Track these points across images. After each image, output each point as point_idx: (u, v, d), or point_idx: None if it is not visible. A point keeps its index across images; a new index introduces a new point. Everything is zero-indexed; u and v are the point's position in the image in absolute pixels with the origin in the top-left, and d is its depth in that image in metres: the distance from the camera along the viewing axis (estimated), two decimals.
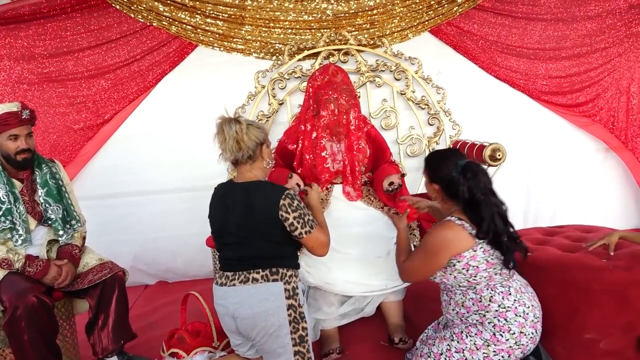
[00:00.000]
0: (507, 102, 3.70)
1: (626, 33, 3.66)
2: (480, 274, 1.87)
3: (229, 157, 1.98)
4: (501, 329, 1.86)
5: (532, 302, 1.92)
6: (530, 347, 1.90)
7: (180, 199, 3.61)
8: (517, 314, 1.87)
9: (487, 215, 1.84)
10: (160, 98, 3.58)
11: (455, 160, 1.91)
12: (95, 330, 2.31)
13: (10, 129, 2.25)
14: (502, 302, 1.88)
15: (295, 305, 1.94)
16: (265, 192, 1.97)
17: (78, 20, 3.41)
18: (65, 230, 2.39)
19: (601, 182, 3.84)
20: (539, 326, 1.92)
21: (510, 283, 1.92)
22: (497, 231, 1.84)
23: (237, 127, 1.93)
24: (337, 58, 3.39)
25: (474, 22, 3.57)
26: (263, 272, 1.93)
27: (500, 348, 1.86)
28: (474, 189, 1.85)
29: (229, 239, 1.99)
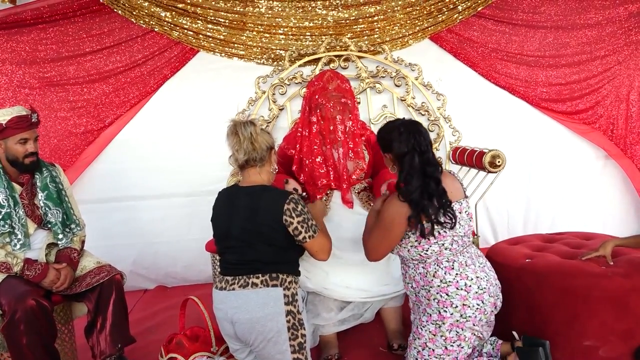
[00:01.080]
0: (506, 109, 3.71)
1: (626, 41, 3.68)
2: (431, 248, 1.92)
3: (242, 157, 1.98)
4: (444, 305, 1.92)
5: (477, 274, 1.95)
6: (480, 317, 1.93)
7: (180, 204, 3.62)
8: (459, 287, 1.92)
9: (407, 168, 1.88)
10: (161, 103, 3.59)
11: (394, 124, 1.99)
12: (94, 333, 2.30)
13: (20, 133, 2.27)
14: (444, 277, 1.94)
15: (294, 311, 1.93)
16: (270, 196, 1.99)
17: (80, 25, 3.43)
18: (65, 234, 2.39)
19: (601, 189, 3.84)
20: (486, 297, 1.94)
21: (457, 257, 1.96)
22: (410, 187, 1.86)
23: (252, 128, 1.97)
24: (337, 64, 3.40)
25: (474, 29, 3.59)
26: (263, 277, 1.93)
27: (450, 324, 1.93)
28: (402, 142, 1.90)
29: (232, 242, 1.99)
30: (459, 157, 3.18)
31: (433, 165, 1.92)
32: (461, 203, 1.99)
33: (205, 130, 3.58)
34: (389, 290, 2.42)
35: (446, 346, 1.95)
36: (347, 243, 2.45)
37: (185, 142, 3.59)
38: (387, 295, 2.42)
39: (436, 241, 1.91)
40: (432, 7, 3.48)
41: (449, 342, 1.94)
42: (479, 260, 2.02)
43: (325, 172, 2.55)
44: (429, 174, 1.89)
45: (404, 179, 1.90)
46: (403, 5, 3.46)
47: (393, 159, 1.98)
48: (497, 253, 2.46)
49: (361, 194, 2.67)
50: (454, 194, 1.98)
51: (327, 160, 2.56)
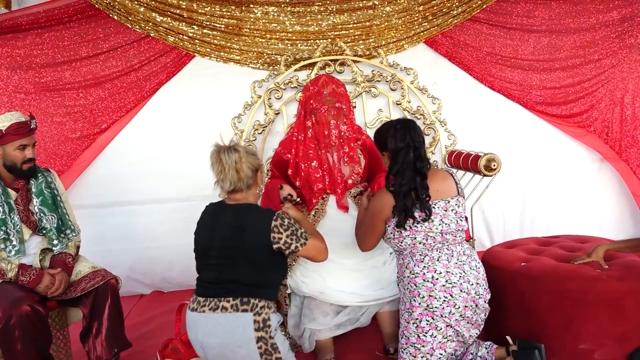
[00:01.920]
0: (502, 112, 3.72)
1: (619, 45, 3.70)
2: (405, 241, 2.03)
3: (228, 187, 1.96)
4: (413, 294, 2.03)
5: (449, 269, 2.01)
6: (449, 309, 1.97)
7: (176, 209, 3.61)
8: (425, 280, 2.00)
9: (400, 161, 2.00)
10: (157, 108, 3.59)
11: (390, 123, 2.12)
12: (90, 338, 2.29)
13: (20, 139, 2.26)
14: (412, 269, 2.04)
15: (265, 337, 1.87)
16: (258, 215, 1.98)
17: (75, 30, 3.43)
18: (60, 239, 2.38)
19: (596, 192, 3.85)
20: (455, 291, 1.99)
21: (431, 252, 2.03)
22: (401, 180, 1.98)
23: (236, 156, 1.94)
24: (333, 68, 3.41)
25: (468, 33, 3.60)
26: (234, 300, 1.88)
27: (419, 313, 2.01)
28: (398, 139, 2.01)
29: (212, 260, 1.96)
30: (455, 160, 3.19)
31: (423, 160, 2.04)
32: (448, 201, 2.05)
33: (201, 135, 3.55)
34: (384, 295, 2.42)
35: (418, 334, 2.01)
36: (342, 247, 2.45)
37: (181, 146, 3.59)
38: (382, 300, 2.42)
39: (409, 234, 2.01)
40: (427, 11, 3.49)
41: (421, 332, 2.00)
42: (460, 258, 2.05)
43: (321, 177, 2.56)
44: (418, 168, 2.00)
45: (396, 172, 2.01)
46: (398, 10, 3.48)
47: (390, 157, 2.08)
48: (492, 257, 2.47)
49: (357, 198, 2.67)
50: (442, 192, 2.06)
51: (322, 164, 2.56)
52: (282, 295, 2.51)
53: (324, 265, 2.42)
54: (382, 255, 2.48)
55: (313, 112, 2.58)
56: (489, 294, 2.09)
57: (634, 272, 2.10)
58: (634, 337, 2.07)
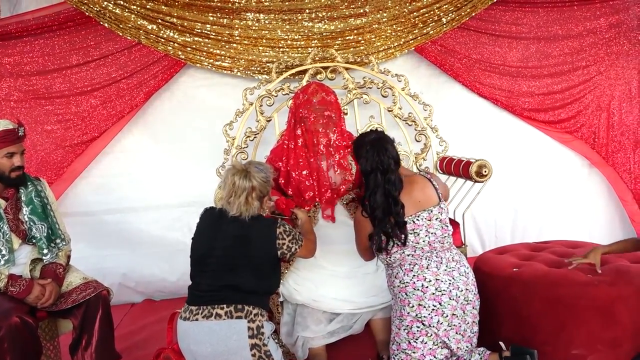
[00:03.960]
0: (492, 119, 3.76)
1: (606, 52, 3.75)
2: (394, 256, 2.05)
3: (234, 212, 1.99)
4: (403, 302, 2.04)
5: (438, 276, 2.02)
6: (437, 319, 1.98)
7: (169, 216, 3.63)
8: (415, 288, 2.02)
9: (370, 186, 2.03)
10: (149, 115, 3.59)
11: (363, 140, 2.13)
12: (79, 350, 2.27)
13: (7, 147, 2.24)
14: (402, 278, 2.05)
15: (259, 344, 1.88)
16: (261, 225, 2.03)
17: (66, 38, 3.42)
18: (50, 249, 2.35)
19: (586, 197, 3.90)
20: (445, 299, 1.99)
21: (420, 261, 2.05)
22: (372, 204, 2.01)
23: (249, 186, 1.98)
24: (324, 75, 3.41)
25: (458, 41, 3.64)
26: (228, 307, 1.89)
27: (409, 321, 2.02)
28: (367, 162, 2.03)
29: (211, 266, 1.97)
30: (446, 167, 3.21)
31: (393, 184, 2.03)
32: (431, 211, 2.06)
33: (194, 142, 3.59)
34: (377, 302, 2.42)
35: (409, 341, 2.02)
36: (335, 255, 2.45)
37: (175, 153, 3.60)
38: (375, 307, 2.42)
39: (396, 250, 2.04)
40: (417, 19, 3.52)
41: (412, 338, 2.02)
42: (449, 265, 2.06)
43: (311, 185, 2.56)
44: (387, 191, 2.01)
45: (368, 196, 2.03)
46: (389, 18, 3.50)
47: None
48: (484, 263, 2.48)
49: (349, 205, 2.67)
50: (424, 202, 2.07)
51: (312, 173, 2.56)
52: (274, 304, 2.50)
53: (316, 272, 2.42)
54: (374, 263, 2.47)
55: (302, 120, 2.59)
56: (478, 300, 2.10)
57: (625, 277, 2.12)
58: (626, 343, 2.08)
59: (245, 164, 2.07)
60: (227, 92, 3.56)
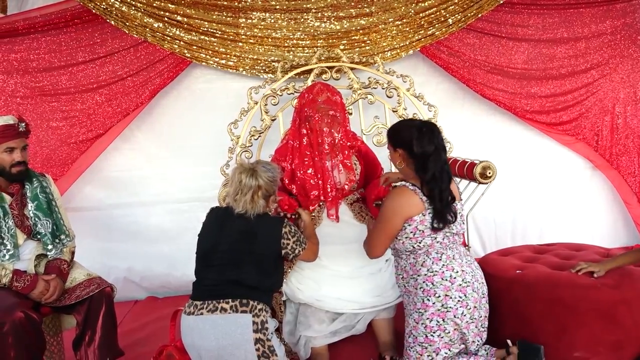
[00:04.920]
0: (495, 120, 3.77)
1: (612, 54, 3.74)
2: (424, 240, 2.01)
3: (240, 210, 2.02)
4: (428, 293, 2.00)
5: (463, 267, 2.03)
6: (462, 311, 1.98)
7: (175, 210, 3.66)
8: (444, 278, 2.00)
9: (433, 166, 1.98)
10: (154, 113, 3.61)
11: (412, 123, 2.10)
12: (82, 346, 2.28)
13: (7, 142, 2.26)
14: (431, 267, 2.02)
15: (263, 339, 1.90)
16: (267, 222, 2.06)
17: (72, 35, 3.43)
18: (55, 244, 2.37)
19: (588, 199, 3.90)
20: (469, 291, 2.00)
21: (445, 250, 2.05)
22: (438, 184, 1.98)
23: (255, 184, 2.01)
24: (329, 75, 3.42)
25: (463, 42, 3.63)
26: (233, 302, 1.91)
27: (431, 313, 2.00)
28: (427, 142, 1.99)
29: (215, 261, 1.99)
30: (450, 168, 3.20)
31: (448, 165, 2.05)
32: (456, 204, 2.10)
33: (198, 139, 3.61)
34: (380, 302, 2.42)
35: (426, 334, 2.01)
36: (339, 255, 2.46)
37: (179, 151, 3.63)
38: (378, 307, 2.42)
39: (430, 234, 2.00)
40: (423, 20, 3.51)
41: (429, 331, 2.00)
42: (466, 258, 2.10)
43: (316, 184, 2.57)
44: (448, 172, 2.02)
45: (430, 177, 1.97)
46: (395, 18, 3.50)
47: (407, 156, 2.04)
48: (488, 264, 2.48)
49: (354, 205, 2.68)
50: (453, 194, 2.10)
51: (317, 172, 2.57)
52: (277, 303, 2.51)
53: (319, 272, 2.43)
54: (377, 263, 2.48)
55: (307, 119, 2.60)
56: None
57: (628, 280, 2.12)
58: (628, 346, 2.08)
59: (253, 163, 2.11)
60: (232, 91, 3.58)
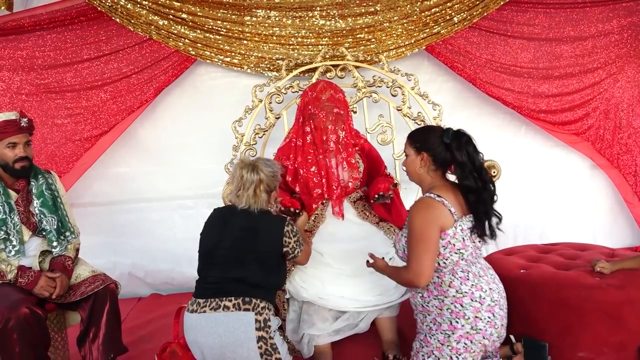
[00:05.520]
0: (500, 120, 3.75)
1: (617, 54, 3.72)
2: (451, 257, 1.91)
3: (243, 204, 2.03)
4: (457, 315, 1.90)
5: (490, 285, 1.95)
6: (490, 331, 1.91)
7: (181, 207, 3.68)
8: (473, 299, 1.90)
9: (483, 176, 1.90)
10: (159, 110, 3.63)
11: (441, 130, 1.99)
12: (87, 342, 2.29)
13: (8, 137, 2.26)
14: (459, 288, 1.91)
15: (265, 337, 1.90)
16: (270, 219, 2.07)
17: (78, 33, 3.44)
18: (59, 241, 2.38)
19: (588, 199, 3.89)
20: (497, 310, 1.93)
21: (470, 267, 1.95)
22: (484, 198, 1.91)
23: (256, 178, 2.02)
24: (334, 74, 3.42)
25: (469, 40, 3.61)
26: (236, 300, 1.91)
27: (459, 335, 1.90)
28: (471, 153, 1.91)
29: (218, 259, 1.99)
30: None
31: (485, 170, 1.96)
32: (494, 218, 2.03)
33: (202, 137, 3.62)
34: (383, 300, 2.41)
35: (451, 356, 1.91)
36: (342, 253, 2.46)
37: (184, 148, 3.64)
38: (381, 305, 2.42)
39: (461, 248, 1.91)
40: (428, 18, 3.50)
41: (454, 353, 1.91)
42: (489, 272, 2.01)
43: (319, 182, 2.57)
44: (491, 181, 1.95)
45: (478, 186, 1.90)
46: (400, 17, 3.49)
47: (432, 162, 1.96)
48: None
49: (357, 203, 2.68)
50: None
51: (320, 170, 2.57)
52: (280, 301, 2.51)
53: (323, 270, 2.43)
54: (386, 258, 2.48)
55: (311, 117, 2.60)
56: None
57: (633, 281, 2.11)
58: (632, 346, 2.07)
59: (254, 159, 2.13)
60: (236, 89, 3.58)
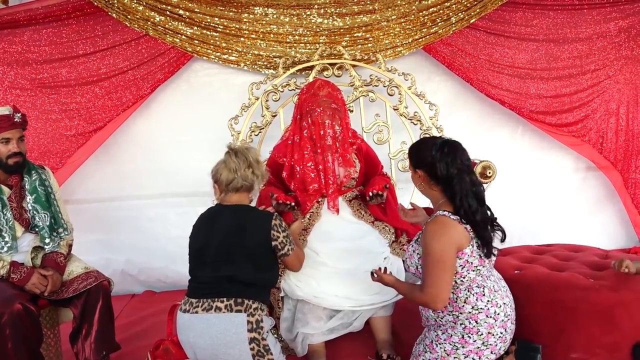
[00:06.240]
0: (497, 120, 3.75)
1: (616, 56, 3.73)
2: (469, 274, 1.86)
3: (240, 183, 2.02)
4: (470, 331, 1.87)
5: (504, 299, 1.92)
6: (499, 346, 1.90)
7: (175, 204, 3.66)
8: (489, 315, 1.87)
9: (459, 190, 1.84)
10: (154, 106, 3.60)
11: (433, 142, 1.94)
12: (79, 339, 2.28)
13: (1, 132, 2.25)
14: (475, 304, 1.87)
15: (258, 338, 1.88)
16: (256, 214, 2.08)
17: (74, 27, 3.42)
18: (52, 238, 2.36)
19: (583, 201, 3.90)
20: (509, 324, 1.92)
21: (485, 282, 1.91)
22: (470, 209, 1.84)
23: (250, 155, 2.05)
24: (331, 72, 3.41)
25: (467, 41, 3.61)
26: (228, 301, 1.89)
27: (468, 350, 1.87)
28: (449, 164, 1.85)
29: (208, 257, 1.98)
30: None
31: (479, 185, 1.89)
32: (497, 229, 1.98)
33: (198, 134, 3.60)
34: (378, 300, 2.41)
35: None
36: (337, 252, 2.45)
37: (179, 144, 3.62)
38: (376, 305, 2.42)
39: (477, 265, 1.86)
40: (425, 18, 3.50)
41: None
42: (501, 284, 1.97)
43: (316, 177, 2.57)
44: (476, 193, 1.86)
45: (459, 203, 1.84)
46: (397, 16, 3.49)
47: (429, 179, 1.91)
48: None
49: (352, 202, 2.68)
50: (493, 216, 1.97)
51: (317, 165, 2.58)
52: (275, 299, 2.51)
53: (318, 269, 2.43)
54: (376, 260, 2.47)
55: (309, 113, 2.61)
56: None
57: (627, 283, 2.11)
58: (625, 348, 2.07)
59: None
60: (233, 86, 3.57)
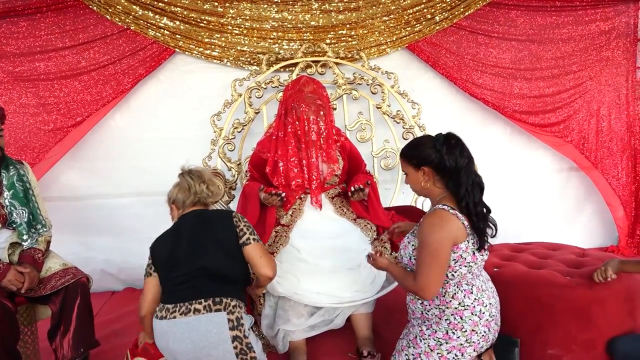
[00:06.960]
0: (479, 119, 3.78)
1: (597, 57, 3.79)
2: (461, 270, 1.86)
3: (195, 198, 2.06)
4: (454, 327, 1.87)
5: (490, 300, 1.93)
6: (482, 344, 1.91)
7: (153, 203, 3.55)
8: (474, 313, 1.87)
9: (466, 181, 1.84)
10: (134, 101, 3.55)
11: (431, 138, 1.92)
12: (57, 336, 2.25)
13: None
14: (462, 300, 1.88)
15: (240, 336, 1.86)
16: (219, 211, 2.13)
17: (53, 20, 3.36)
18: (30, 234, 2.32)
19: (566, 201, 3.95)
20: (492, 324, 1.92)
21: (475, 281, 1.91)
22: (473, 200, 1.84)
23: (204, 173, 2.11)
24: (314, 70, 3.41)
25: (451, 40, 3.64)
26: (205, 302, 1.86)
27: (452, 346, 1.87)
28: (458, 156, 1.85)
29: (181, 253, 1.95)
30: None
31: (480, 178, 1.89)
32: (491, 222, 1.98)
33: (179, 130, 3.56)
34: (359, 297, 2.42)
35: None
36: (318, 249, 2.45)
37: (159, 141, 3.56)
38: (357, 302, 2.42)
39: (470, 261, 1.86)
40: (410, 16, 3.52)
41: None
42: (489, 285, 1.98)
43: (299, 173, 2.58)
44: (480, 183, 1.88)
45: (464, 192, 1.83)
46: (382, 14, 3.50)
47: (434, 174, 1.89)
48: None
49: (335, 199, 2.68)
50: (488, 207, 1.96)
51: (301, 160, 2.58)
52: (256, 295, 2.50)
53: (299, 266, 2.43)
54: (358, 257, 2.48)
55: (294, 109, 2.61)
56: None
57: None
58: (600, 345, 2.11)
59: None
60: (215, 82, 3.53)
